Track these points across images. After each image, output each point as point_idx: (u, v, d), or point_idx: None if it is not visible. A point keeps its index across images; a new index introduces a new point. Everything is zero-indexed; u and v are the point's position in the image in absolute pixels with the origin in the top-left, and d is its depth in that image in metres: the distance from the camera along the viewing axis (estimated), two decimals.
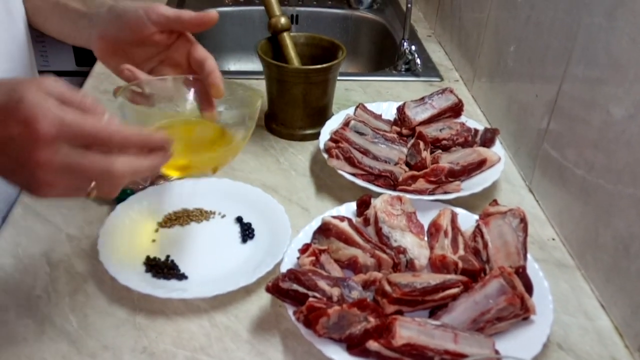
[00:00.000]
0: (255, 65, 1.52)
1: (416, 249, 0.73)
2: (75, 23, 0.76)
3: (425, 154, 0.87)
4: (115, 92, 0.67)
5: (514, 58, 0.99)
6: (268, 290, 0.64)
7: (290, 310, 0.64)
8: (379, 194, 0.78)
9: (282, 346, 0.65)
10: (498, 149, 0.92)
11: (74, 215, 0.80)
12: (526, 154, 0.93)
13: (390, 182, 0.84)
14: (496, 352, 0.61)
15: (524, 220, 0.72)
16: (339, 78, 1.01)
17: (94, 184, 0.52)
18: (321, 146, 0.91)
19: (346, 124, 0.93)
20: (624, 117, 0.68)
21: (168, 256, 0.74)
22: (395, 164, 0.87)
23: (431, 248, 0.74)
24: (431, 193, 0.83)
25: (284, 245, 0.73)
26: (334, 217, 0.74)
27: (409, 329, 0.60)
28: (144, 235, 0.77)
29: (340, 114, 0.99)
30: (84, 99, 0.52)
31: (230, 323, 0.67)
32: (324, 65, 0.94)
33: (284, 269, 0.69)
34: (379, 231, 0.74)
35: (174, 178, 0.82)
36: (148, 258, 0.73)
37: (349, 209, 0.80)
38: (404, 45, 1.23)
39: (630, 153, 0.67)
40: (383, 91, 1.17)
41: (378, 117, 1.00)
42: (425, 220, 0.78)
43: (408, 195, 0.80)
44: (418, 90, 1.16)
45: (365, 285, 0.68)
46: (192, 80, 0.72)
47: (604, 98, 0.72)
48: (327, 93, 1.00)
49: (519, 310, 0.63)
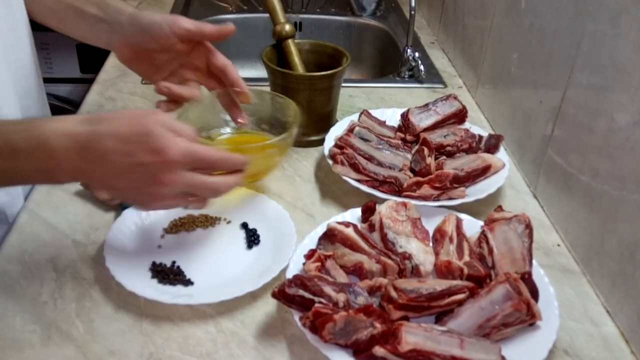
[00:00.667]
0: (259, 72, 1.52)
1: (421, 254, 0.73)
2: (93, 26, 0.80)
3: (430, 160, 0.88)
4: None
5: (517, 65, 0.99)
6: (274, 296, 0.64)
7: (296, 316, 0.64)
8: (383, 200, 0.78)
9: (288, 352, 0.65)
10: (502, 155, 0.92)
11: (80, 221, 0.80)
12: (530, 160, 0.93)
13: (395, 188, 0.84)
14: (502, 358, 0.61)
15: (529, 226, 0.73)
16: (343, 85, 1.01)
17: (193, 198, 0.65)
18: (326, 152, 0.91)
19: (350, 130, 0.93)
20: (629, 124, 0.68)
21: (174, 262, 0.74)
22: (400, 170, 0.87)
23: (436, 254, 0.74)
24: (436, 199, 0.83)
25: (290, 251, 0.73)
26: (339, 223, 0.74)
27: (415, 335, 0.60)
28: (149, 241, 0.77)
29: (345, 120, 0.99)
30: (189, 129, 0.63)
31: (236, 329, 0.67)
32: (329, 72, 0.95)
33: (289, 274, 0.69)
34: (384, 237, 0.74)
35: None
36: (154, 264, 0.73)
37: (354, 215, 0.80)
38: (407, 52, 1.24)
39: (635, 159, 0.67)
40: (387, 98, 1.17)
41: (382, 124, 1.00)
42: (430, 226, 0.78)
43: (413, 201, 0.80)
44: (422, 97, 1.17)
45: (371, 291, 0.68)
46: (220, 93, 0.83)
47: (609, 105, 0.72)
48: (332, 99, 1.00)
49: (525, 316, 0.63)
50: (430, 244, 0.76)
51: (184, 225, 0.80)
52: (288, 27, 0.99)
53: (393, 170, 0.87)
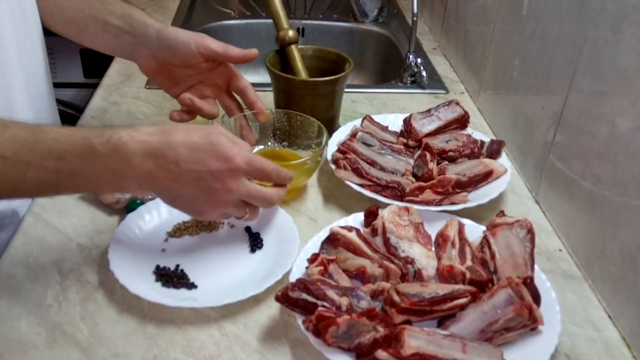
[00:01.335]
0: (261, 77, 1.53)
1: (424, 259, 0.73)
2: (116, 38, 0.83)
3: (432, 165, 0.88)
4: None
5: (519, 71, 1.00)
6: (277, 299, 0.64)
7: (299, 319, 0.64)
8: (386, 205, 0.79)
9: (292, 355, 0.65)
10: (504, 160, 0.93)
11: (84, 225, 0.81)
12: (532, 165, 0.93)
13: (398, 193, 0.85)
14: None
15: (531, 231, 0.73)
16: (345, 90, 1.02)
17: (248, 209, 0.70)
18: (329, 157, 0.91)
19: (353, 135, 0.94)
20: (630, 130, 0.69)
21: (178, 265, 0.74)
22: (402, 175, 0.88)
23: (439, 258, 0.75)
24: (438, 204, 0.83)
25: (293, 255, 0.74)
26: (342, 227, 0.74)
27: (418, 339, 0.61)
28: (153, 244, 0.78)
29: (347, 125, 1.00)
30: (246, 143, 0.70)
31: (239, 332, 0.67)
32: (332, 77, 0.96)
33: (292, 278, 0.70)
34: (386, 241, 0.74)
35: None
36: (158, 267, 0.74)
37: (356, 219, 0.81)
38: (409, 57, 1.24)
39: (636, 165, 0.68)
40: (389, 103, 1.18)
41: (385, 129, 1.00)
42: (433, 230, 0.78)
43: (415, 206, 0.80)
44: (424, 102, 1.17)
45: (374, 295, 0.68)
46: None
47: (610, 110, 0.73)
48: (334, 105, 1.01)
49: (527, 321, 0.63)
50: (433, 249, 0.76)
51: (187, 229, 0.80)
52: (291, 33, 1.00)
53: (395, 175, 0.87)
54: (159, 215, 0.81)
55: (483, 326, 0.64)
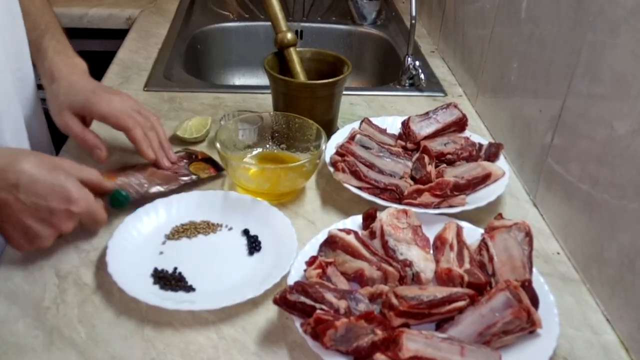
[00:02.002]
0: (260, 79, 1.53)
1: (422, 262, 0.73)
2: (44, 79, 0.88)
3: (430, 168, 0.88)
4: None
5: (517, 74, 1.00)
6: (275, 302, 0.64)
7: (297, 322, 0.64)
8: (384, 208, 0.79)
9: (290, 358, 0.65)
10: (502, 163, 0.93)
11: (82, 227, 0.81)
12: (530, 168, 0.93)
13: (396, 196, 0.85)
14: None
15: (529, 234, 0.73)
16: (344, 93, 1.02)
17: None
18: (327, 160, 0.91)
19: (352, 137, 0.94)
20: (628, 133, 0.69)
21: (176, 268, 0.74)
22: (401, 177, 0.88)
23: (437, 261, 0.75)
24: (436, 207, 0.83)
25: (291, 257, 0.73)
26: (340, 230, 0.74)
27: (416, 342, 0.61)
28: (151, 247, 0.78)
29: (346, 128, 1.00)
30: (95, 174, 0.74)
31: (237, 335, 0.67)
32: (330, 80, 0.96)
33: (290, 281, 0.70)
34: (385, 244, 0.74)
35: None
36: (156, 270, 0.73)
37: (354, 222, 0.81)
38: (407, 60, 1.24)
39: (634, 168, 0.68)
40: (387, 106, 1.18)
41: (383, 132, 1.00)
42: (431, 233, 0.78)
43: (413, 209, 0.80)
44: (422, 105, 1.17)
45: (372, 298, 0.68)
46: None
47: (608, 113, 0.73)
48: (333, 107, 1.01)
49: (525, 324, 0.63)
50: (431, 252, 0.76)
51: (185, 231, 0.80)
52: (290, 36, 1.00)
53: (394, 178, 0.87)
54: (157, 217, 0.81)
55: (481, 329, 0.64)
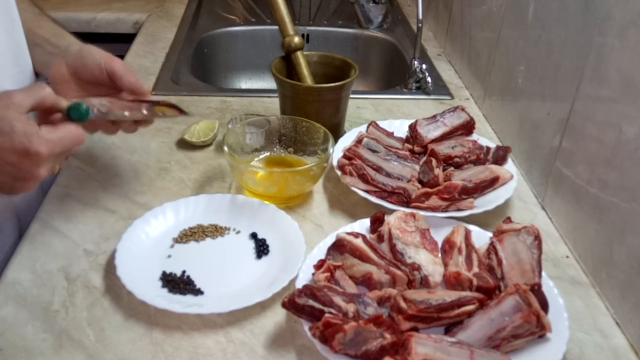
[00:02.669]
0: (266, 83, 1.54)
1: (430, 265, 0.73)
2: (37, 47, 0.83)
3: (438, 172, 0.88)
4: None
5: (525, 77, 1.00)
6: (284, 305, 0.64)
7: (305, 326, 0.64)
8: (392, 211, 0.79)
9: None
10: (510, 166, 0.93)
11: (91, 230, 0.81)
12: (538, 171, 0.93)
13: (404, 199, 0.85)
14: None
15: (538, 238, 0.73)
16: (350, 96, 1.02)
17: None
18: (334, 163, 0.91)
19: (359, 141, 0.94)
20: (637, 136, 0.69)
21: (184, 271, 0.74)
22: (408, 181, 0.88)
23: (445, 265, 0.74)
24: (444, 210, 0.83)
25: (299, 261, 0.73)
26: (348, 234, 0.74)
27: (425, 346, 0.60)
28: (159, 250, 0.78)
29: (353, 131, 1.00)
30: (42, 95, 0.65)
31: (246, 339, 0.67)
32: (337, 83, 0.96)
33: (299, 284, 0.69)
34: (393, 248, 0.74)
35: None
36: (164, 273, 0.74)
37: (362, 225, 0.80)
38: (414, 63, 1.24)
39: None
40: (394, 109, 1.18)
41: (390, 135, 1.00)
42: (439, 237, 0.78)
43: (421, 212, 0.80)
44: (429, 108, 1.17)
45: (381, 302, 0.68)
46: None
47: (617, 116, 0.73)
48: (340, 111, 1.01)
49: (535, 328, 0.63)
50: (439, 255, 0.76)
51: (193, 234, 0.80)
52: (297, 40, 1.00)
53: (401, 181, 0.87)
54: (165, 220, 0.81)
55: (491, 333, 0.63)
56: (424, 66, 1.24)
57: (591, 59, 0.79)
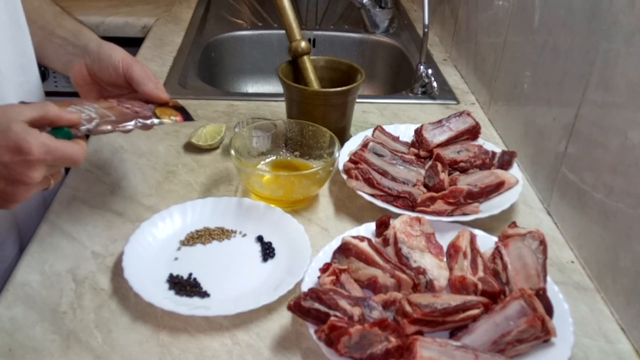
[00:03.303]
0: (273, 87, 1.54)
1: (435, 269, 0.73)
2: (58, 48, 0.83)
3: (443, 176, 0.88)
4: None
5: (530, 82, 1.00)
6: (290, 308, 0.65)
7: (311, 329, 0.65)
8: (397, 215, 0.79)
9: None
10: (516, 171, 0.93)
11: (99, 233, 0.82)
12: (544, 177, 0.93)
13: (409, 203, 0.85)
14: None
15: (543, 243, 0.73)
16: (356, 100, 1.02)
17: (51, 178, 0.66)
18: (340, 167, 0.92)
19: (365, 145, 0.95)
20: None
21: (190, 274, 0.75)
22: (414, 185, 0.88)
23: (450, 269, 0.75)
24: (450, 214, 0.83)
25: (305, 264, 0.74)
26: (354, 237, 0.75)
27: (430, 350, 0.61)
28: (166, 253, 0.78)
29: (359, 135, 1.00)
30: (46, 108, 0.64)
31: (252, 341, 0.68)
32: (344, 88, 0.96)
33: (304, 288, 0.70)
34: (398, 252, 0.74)
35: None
36: (171, 275, 0.74)
37: (368, 229, 0.81)
38: (420, 68, 1.25)
39: None
40: (400, 113, 1.18)
41: (396, 139, 1.01)
42: (444, 241, 0.79)
43: (427, 217, 0.80)
44: (435, 113, 1.17)
45: (386, 305, 0.68)
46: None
47: (622, 122, 0.73)
48: (346, 115, 1.02)
49: (540, 333, 0.63)
50: (445, 259, 0.76)
51: (200, 237, 0.81)
52: (304, 44, 1.01)
53: (407, 186, 0.88)
54: (172, 223, 0.82)
55: (495, 338, 0.63)
56: (429, 71, 1.25)
57: (597, 65, 0.79)
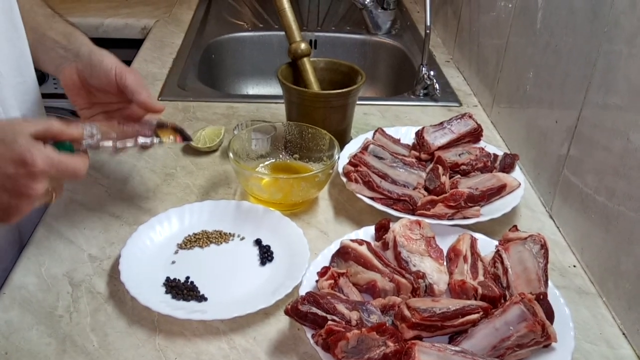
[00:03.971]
0: (273, 89, 1.54)
1: (435, 273, 0.73)
2: (49, 51, 0.82)
3: (444, 179, 0.88)
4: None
5: (533, 84, 0.99)
6: (287, 313, 0.64)
7: (308, 333, 0.64)
8: (397, 218, 0.78)
9: None
10: (518, 174, 0.92)
11: (95, 236, 0.81)
12: (546, 179, 0.92)
13: (409, 207, 0.84)
14: None
15: (544, 247, 0.72)
16: (357, 102, 1.02)
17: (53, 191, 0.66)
18: (340, 170, 0.91)
19: (365, 148, 0.94)
20: None
21: (188, 277, 0.74)
22: (414, 188, 0.87)
23: (450, 273, 0.74)
24: (450, 218, 0.83)
25: (303, 268, 0.73)
26: (353, 241, 0.74)
27: (429, 355, 0.60)
28: (164, 256, 0.78)
29: (359, 138, 1.00)
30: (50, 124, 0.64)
31: (249, 345, 0.67)
32: (344, 90, 0.96)
33: (302, 292, 0.69)
34: (397, 255, 0.74)
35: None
36: (168, 279, 0.74)
37: (367, 232, 0.80)
38: (422, 70, 1.24)
39: None
40: (401, 116, 1.17)
41: (397, 142, 1.00)
42: (444, 245, 0.78)
43: (427, 220, 0.80)
44: (436, 115, 1.17)
45: (384, 310, 0.67)
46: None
47: (625, 125, 0.72)
48: (346, 117, 1.01)
49: (540, 338, 0.62)
50: (445, 263, 0.76)
51: (197, 241, 0.80)
52: (304, 46, 1.00)
53: (407, 189, 0.87)
54: (169, 226, 0.81)
55: (495, 342, 0.63)
56: (432, 73, 1.24)
57: (599, 67, 0.78)
